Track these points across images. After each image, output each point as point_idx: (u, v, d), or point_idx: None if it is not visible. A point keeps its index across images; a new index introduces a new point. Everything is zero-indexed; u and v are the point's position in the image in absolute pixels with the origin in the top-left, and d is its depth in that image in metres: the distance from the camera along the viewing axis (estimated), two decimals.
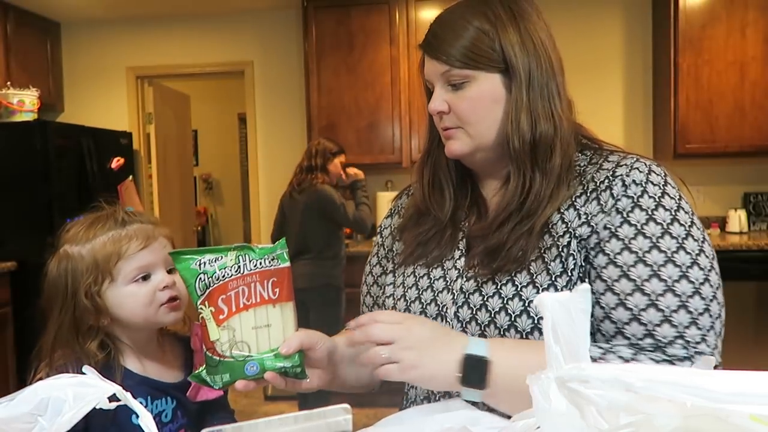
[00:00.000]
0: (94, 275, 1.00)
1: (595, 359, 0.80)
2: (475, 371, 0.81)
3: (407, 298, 1.01)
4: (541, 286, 0.88)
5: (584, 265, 0.88)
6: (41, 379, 0.97)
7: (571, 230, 0.90)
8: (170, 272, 1.04)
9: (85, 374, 0.62)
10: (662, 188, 0.87)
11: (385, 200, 3.96)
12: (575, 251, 0.88)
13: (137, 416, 0.59)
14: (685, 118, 3.68)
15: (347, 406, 0.83)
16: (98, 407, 0.58)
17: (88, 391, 0.58)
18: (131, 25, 4.61)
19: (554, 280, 0.88)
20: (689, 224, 0.85)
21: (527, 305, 0.88)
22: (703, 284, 0.82)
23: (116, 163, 4.16)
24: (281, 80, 4.51)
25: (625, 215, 0.86)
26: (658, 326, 0.81)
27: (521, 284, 0.89)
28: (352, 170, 3.45)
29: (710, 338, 0.82)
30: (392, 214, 1.16)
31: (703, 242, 0.85)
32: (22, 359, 3.51)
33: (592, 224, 0.88)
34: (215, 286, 0.82)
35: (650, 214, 0.85)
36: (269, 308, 0.83)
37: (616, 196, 0.87)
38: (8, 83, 3.87)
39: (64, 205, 3.63)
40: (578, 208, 0.91)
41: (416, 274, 1.02)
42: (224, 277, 0.82)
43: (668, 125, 3.76)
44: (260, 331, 0.83)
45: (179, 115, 5.25)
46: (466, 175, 1.04)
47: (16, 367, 3.52)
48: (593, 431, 0.48)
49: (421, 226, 1.04)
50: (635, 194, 0.86)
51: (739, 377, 0.42)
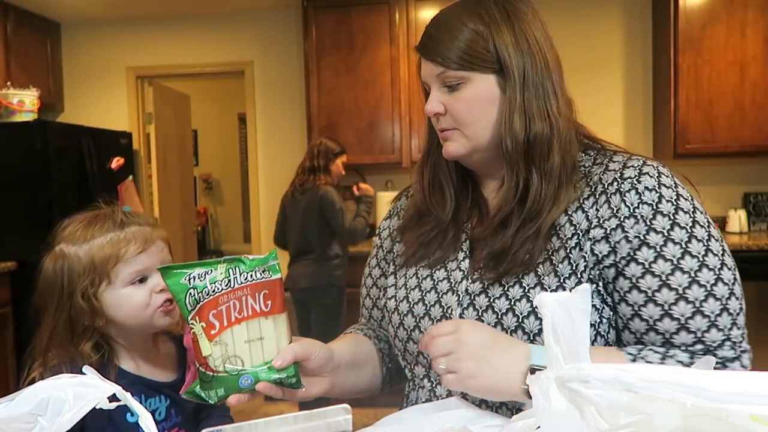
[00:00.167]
0: (91, 277, 0.99)
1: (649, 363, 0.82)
2: None
3: (410, 299, 1.00)
4: (549, 287, 0.88)
5: (603, 270, 0.88)
6: (34, 378, 0.97)
7: (579, 232, 0.89)
8: None
9: (85, 374, 0.62)
10: (675, 190, 0.88)
11: (385, 200, 3.96)
12: (587, 253, 0.88)
13: (132, 414, 0.58)
14: (685, 118, 3.67)
15: (347, 406, 0.83)
16: (98, 407, 0.58)
17: (88, 391, 0.58)
18: (131, 25, 4.61)
19: (563, 281, 0.88)
20: (707, 224, 0.87)
21: (535, 307, 0.87)
22: (734, 284, 0.86)
23: (116, 163, 4.16)
24: (281, 80, 4.50)
25: (648, 223, 0.86)
26: (706, 332, 0.84)
27: (529, 286, 0.89)
28: (364, 186, 3.48)
29: (745, 334, 0.87)
30: (391, 215, 1.15)
31: (720, 240, 0.88)
32: (21, 359, 3.51)
33: (605, 227, 0.88)
34: (206, 300, 0.80)
35: (672, 218, 0.86)
36: (262, 321, 0.82)
37: (630, 202, 0.87)
38: (8, 83, 3.87)
39: (64, 205, 3.63)
40: (587, 210, 0.90)
41: (419, 275, 1.01)
42: (215, 291, 0.80)
43: (668, 125, 3.75)
44: (253, 344, 0.82)
45: (179, 115, 5.25)
46: (466, 175, 1.03)
47: (16, 367, 3.52)
48: (593, 431, 0.48)
49: (422, 226, 1.03)
50: (653, 201, 0.87)
51: (739, 377, 0.42)
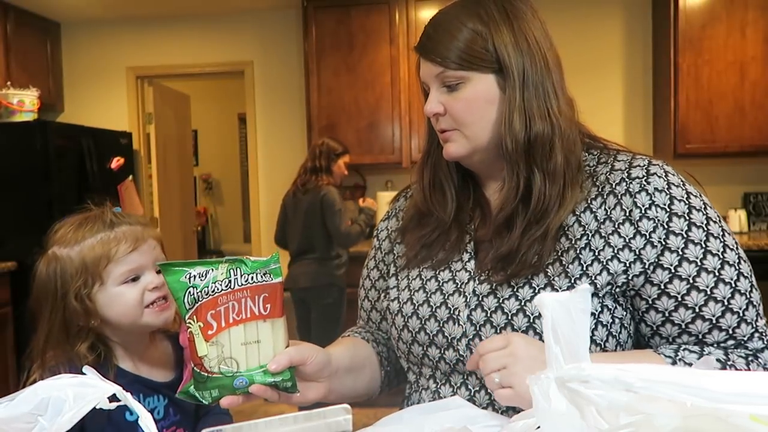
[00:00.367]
0: (83, 278, 1.00)
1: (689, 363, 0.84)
2: None
3: (414, 301, 0.99)
4: (560, 288, 0.87)
5: (632, 279, 0.88)
6: (34, 381, 0.97)
7: (589, 232, 0.89)
8: (159, 273, 1.03)
9: (85, 374, 0.62)
10: (684, 188, 0.90)
11: (385, 200, 3.96)
12: (604, 257, 0.87)
13: (131, 413, 0.59)
14: (685, 118, 3.67)
15: (347, 406, 0.83)
16: (98, 407, 0.58)
17: (88, 391, 0.58)
18: (131, 25, 4.60)
19: (574, 282, 0.87)
20: (718, 219, 0.90)
21: None
22: (751, 276, 0.88)
23: (116, 163, 4.16)
24: (281, 80, 4.50)
25: (666, 226, 0.87)
26: (737, 328, 0.86)
27: (539, 286, 0.88)
28: (369, 200, 3.49)
29: (766, 323, 0.89)
30: (389, 216, 1.14)
31: (731, 232, 0.90)
32: (21, 359, 3.51)
33: (620, 231, 0.88)
34: (204, 300, 0.80)
35: (688, 218, 0.87)
36: (260, 324, 0.81)
37: (642, 203, 0.88)
38: (8, 83, 3.87)
39: (64, 205, 3.63)
40: (595, 210, 0.90)
41: (422, 276, 1.00)
42: (214, 291, 0.80)
43: (668, 125, 3.75)
44: (250, 347, 0.81)
45: (179, 115, 5.25)
46: (467, 175, 1.03)
47: (16, 367, 3.52)
48: (593, 431, 0.48)
49: (423, 228, 1.02)
50: (665, 203, 0.87)
51: (739, 377, 0.42)
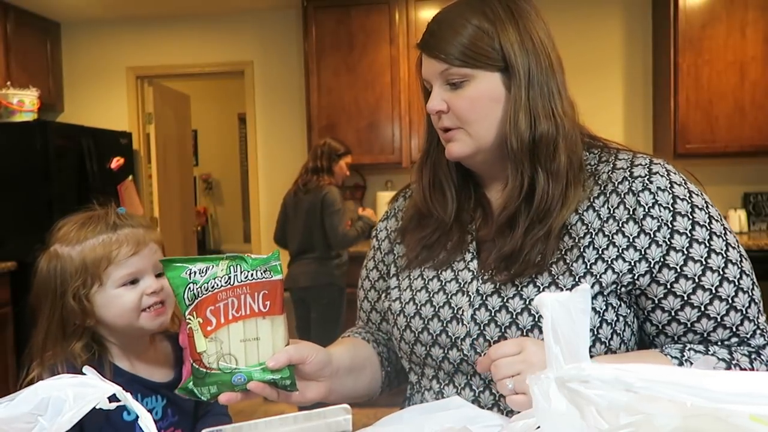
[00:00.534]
0: (82, 278, 1.00)
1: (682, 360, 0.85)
2: None
3: (417, 301, 0.98)
4: (564, 287, 0.87)
5: (638, 279, 0.88)
6: (33, 379, 0.97)
7: (592, 230, 0.90)
8: (158, 277, 1.04)
9: (85, 374, 0.62)
10: (686, 187, 0.90)
11: (385, 200, 3.96)
12: (607, 253, 0.88)
13: (129, 413, 0.59)
14: (685, 118, 3.67)
15: (347, 406, 0.83)
16: (98, 407, 0.58)
17: (88, 391, 0.58)
18: (131, 25, 4.60)
19: (578, 281, 0.87)
20: (720, 217, 0.90)
21: None
22: (752, 273, 0.89)
23: (116, 163, 4.16)
24: (281, 80, 4.50)
25: (670, 225, 0.87)
26: (740, 325, 0.87)
27: (543, 285, 0.89)
28: (369, 212, 3.49)
29: (766, 319, 0.90)
30: (389, 217, 1.13)
31: (732, 230, 0.91)
32: (21, 359, 3.51)
33: (624, 230, 0.88)
34: (204, 296, 0.80)
35: (691, 217, 0.87)
36: (259, 321, 0.81)
37: (645, 202, 0.88)
38: (8, 83, 3.87)
39: (64, 205, 3.63)
40: (598, 209, 0.91)
41: (424, 276, 0.99)
42: (214, 287, 0.80)
43: (668, 125, 3.75)
44: (249, 344, 0.81)
45: (179, 115, 5.25)
46: (467, 175, 1.02)
47: (16, 367, 3.52)
48: (593, 431, 0.48)
49: (423, 229, 1.01)
50: (668, 202, 0.88)
51: (739, 377, 0.42)
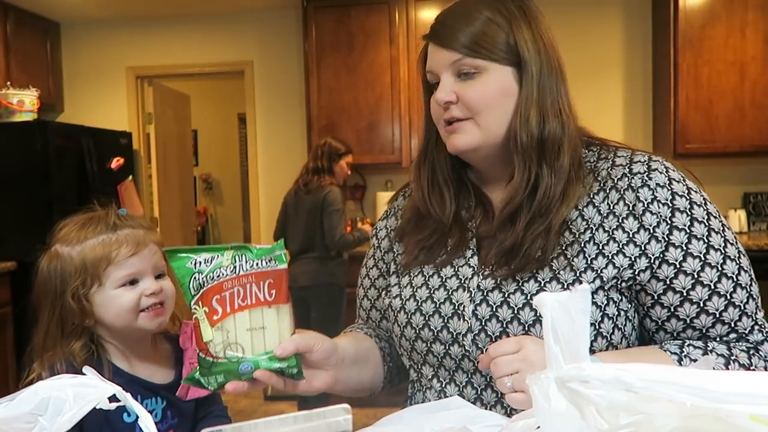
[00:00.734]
0: (82, 278, 1.00)
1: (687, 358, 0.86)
2: None
3: (417, 297, 0.99)
4: (566, 282, 0.88)
5: (638, 274, 0.88)
6: (33, 380, 0.98)
7: (593, 226, 0.90)
8: (158, 278, 1.04)
9: (85, 374, 0.62)
10: (684, 183, 0.91)
11: (385, 200, 3.96)
12: (608, 248, 0.88)
13: (129, 415, 0.59)
14: (685, 118, 3.67)
15: (347, 406, 0.83)
16: (98, 408, 0.58)
17: (88, 391, 0.58)
18: (131, 25, 4.60)
19: (579, 275, 0.88)
20: (718, 214, 0.91)
21: None
22: (750, 269, 0.89)
23: (116, 163, 4.16)
24: (281, 80, 4.50)
25: (669, 221, 0.88)
26: (738, 321, 0.88)
27: (544, 280, 0.89)
28: (368, 227, 3.50)
29: (763, 315, 0.90)
30: (388, 216, 1.14)
31: (730, 227, 0.91)
32: (21, 359, 3.51)
33: (624, 226, 0.89)
34: (210, 285, 0.80)
35: (690, 213, 0.88)
36: (265, 310, 0.81)
37: (644, 197, 0.89)
38: (8, 83, 3.87)
39: (64, 205, 3.63)
40: (597, 204, 0.92)
41: (424, 273, 1.00)
42: (219, 277, 0.80)
43: (668, 125, 3.75)
44: (255, 333, 0.81)
45: (179, 115, 5.25)
46: (465, 175, 1.02)
47: (16, 366, 3.52)
48: (593, 431, 0.48)
49: (421, 231, 1.01)
50: (667, 198, 0.89)
51: (739, 377, 0.42)
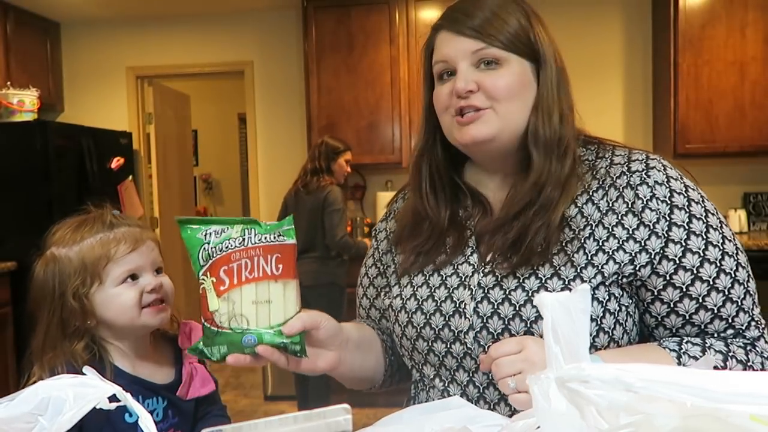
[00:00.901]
0: (82, 277, 1.00)
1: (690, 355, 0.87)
2: None
3: (418, 296, 0.99)
4: (566, 278, 0.89)
5: (639, 269, 0.89)
6: (35, 382, 0.98)
7: (592, 222, 0.91)
8: (157, 274, 1.04)
9: (85, 374, 0.62)
10: (682, 181, 0.92)
11: (385, 200, 3.96)
12: (608, 244, 0.89)
13: (130, 415, 0.59)
14: (685, 118, 3.67)
15: (347, 406, 0.83)
16: (98, 408, 0.58)
17: (88, 391, 0.58)
18: (131, 25, 4.60)
19: (579, 271, 0.89)
20: (715, 210, 0.92)
21: None
22: (748, 265, 0.90)
23: (116, 163, 4.16)
24: (281, 80, 4.50)
25: (668, 218, 0.88)
26: (735, 317, 0.89)
27: (545, 276, 0.90)
28: (367, 242, 3.50)
29: (760, 311, 0.91)
30: (387, 218, 1.15)
31: (727, 223, 0.93)
32: (21, 359, 3.51)
33: (624, 222, 0.90)
34: (218, 256, 0.81)
35: (688, 210, 0.89)
36: (271, 284, 0.82)
37: (643, 195, 0.90)
38: (8, 83, 3.87)
39: (64, 205, 3.62)
40: (597, 201, 0.93)
41: (425, 272, 1.00)
42: (228, 248, 0.82)
43: (668, 125, 3.75)
44: (260, 306, 0.82)
45: (179, 115, 5.25)
46: (457, 176, 1.03)
47: (16, 367, 3.52)
48: (593, 431, 0.48)
49: (417, 237, 1.02)
50: (665, 195, 0.89)
51: (739, 377, 0.42)
